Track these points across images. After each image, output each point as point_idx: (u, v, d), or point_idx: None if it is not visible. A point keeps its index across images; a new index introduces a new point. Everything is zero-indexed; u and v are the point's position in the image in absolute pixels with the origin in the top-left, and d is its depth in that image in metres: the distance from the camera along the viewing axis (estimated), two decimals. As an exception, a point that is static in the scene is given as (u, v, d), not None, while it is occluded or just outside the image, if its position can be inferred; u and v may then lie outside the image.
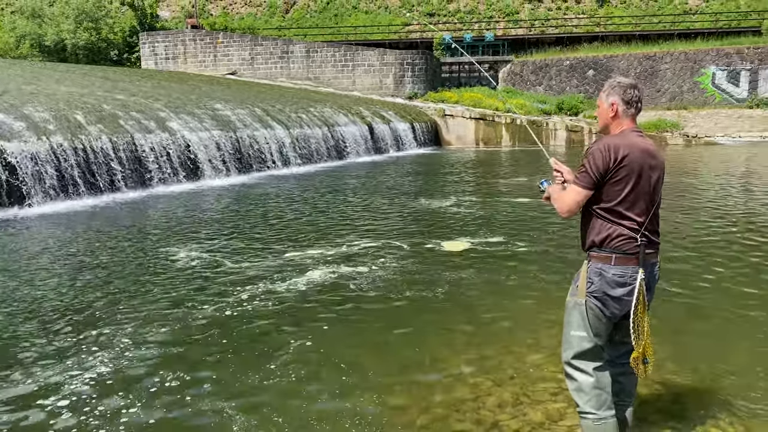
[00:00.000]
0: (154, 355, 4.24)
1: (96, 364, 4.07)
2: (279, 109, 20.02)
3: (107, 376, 3.91)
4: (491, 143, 27.55)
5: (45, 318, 5.03)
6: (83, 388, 3.74)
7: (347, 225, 9.01)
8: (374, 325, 4.86)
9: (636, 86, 2.87)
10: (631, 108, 2.84)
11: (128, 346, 4.38)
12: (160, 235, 8.42)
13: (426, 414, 3.40)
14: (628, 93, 2.83)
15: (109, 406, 3.52)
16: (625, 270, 2.76)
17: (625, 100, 2.84)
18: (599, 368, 2.88)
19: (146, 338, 4.54)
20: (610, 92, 2.88)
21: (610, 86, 2.90)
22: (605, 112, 2.89)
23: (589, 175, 2.77)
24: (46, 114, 12.43)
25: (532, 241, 7.65)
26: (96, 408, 3.51)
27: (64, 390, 3.72)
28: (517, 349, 4.27)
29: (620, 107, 2.84)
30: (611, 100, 2.87)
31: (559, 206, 2.90)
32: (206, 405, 3.54)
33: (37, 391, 3.71)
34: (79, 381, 3.83)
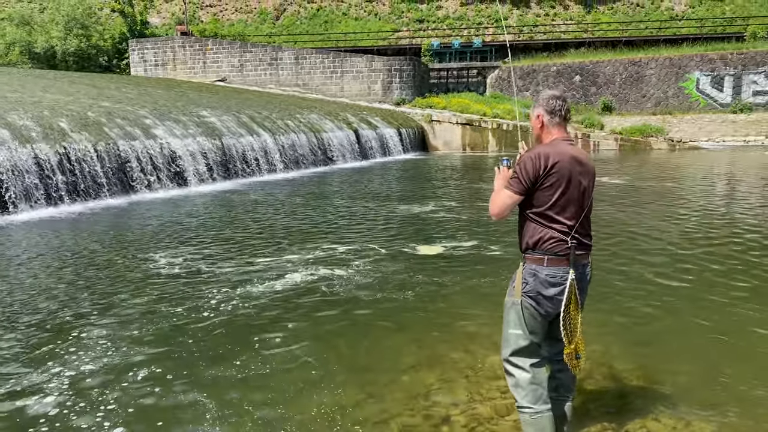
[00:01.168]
0: (135, 354, 4.38)
1: (78, 364, 4.20)
2: (265, 116, 20.16)
3: (88, 375, 4.04)
4: (478, 148, 27.78)
5: (28, 321, 5.14)
6: (65, 388, 3.87)
7: (328, 230, 9.16)
8: (342, 325, 5.02)
9: (560, 96, 3.03)
10: (555, 117, 3.00)
11: (110, 348, 4.51)
12: (143, 241, 8.53)
13: (381, 410, 3.54)
14: (550, 103, 3.00)
15: (91, 404, 3.65)
16: (557, 271, 2.92)
17: (549, 111, 3.00)
18: (535, 365, 3.03)
19: (127, 339, 4.68)
20: (535, 105, 3.05)
21: (535, 100, 3.08)
22: (534, 124, 3.06)
23: (520, 182, 2.94)
24: (30, 122, 12.53)
25: (504, 246, 7.81)
26: (79, 405, 3.64)
27: (46, 389, 3.85)
28: (475, 349, 4.43)
29: (545, 118, 3.01)
30: (536, 113, 3.04)
31: (491, 207, 3.06)
32: (185, 398, 3.69)
33: (20, 391, 3.84)
34: (61, 381, 3.96)
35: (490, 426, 3.37)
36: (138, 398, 3.75)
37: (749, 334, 4.69)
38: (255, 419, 3.47)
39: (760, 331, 4.74)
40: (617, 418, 3.39)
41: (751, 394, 3.68)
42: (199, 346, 4.58)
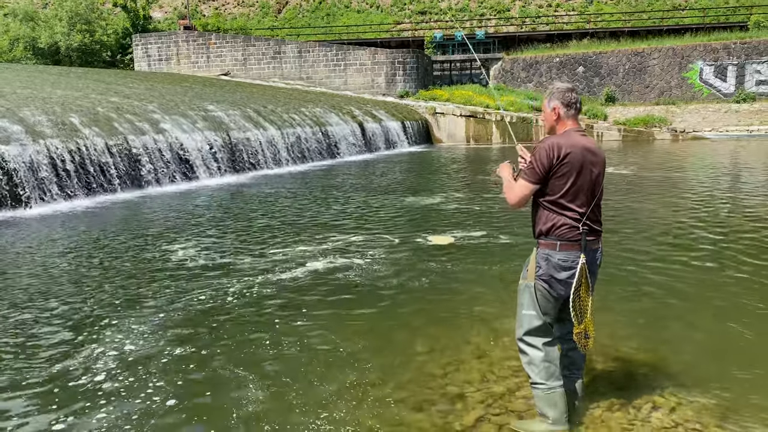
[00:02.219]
0: (169, 337, 4.61)
1: (119, 346, 4.43)
2: (271, 110, 20.33)
3: (130, 354, 4.27)
4: (482, 140, 27.91)
5: (63, 310, 5.36)
6: (113, 366, 4.10)
7: (340, 221, 9.35)
8: (362, 311, 5.23)
9: (573, 89, 3.20)
10: (571, 110, 3.17)
11: (144, 331, 4.73)
12: (156, 234, 8.74)
13: (399, 388, 3.74)
14: (566, 96, 3.17)
15: (140, 379, 3.88)
16: (568, 255, 3.10)
17: (565, 104, 3.17)
18: (548, 344, 3.22)
19: (159, 324, 4.90)
20: (551, 98, 3.21)
21: (550, 92, 3.24)
22: (549, 116, 3.22)
23: (535, 171, 3.11)
24: (42, 117, 12.73)
25: (513, 235, 8.01)
26: (129, 380, 3.88)
27: (95, 368, 4.08)
28: (486, 332, 4.62)
29: (561, 110, 3.18)
30: (553, 105, 3.20)
31: (508, 198, 3.24)
32: (223, 372, 3.92)
33: (73, 370, 4.07)
34: (107, 360, 4.18)
35: (504, 402, 3.56)
36: (181, 373, 4.01)
37: (754, 317, 4.87)
38: (289, 393, 3.67)
39: (764, 314, 4.92)
40: (624, 394, 3.57)
41: (754, 374, 3.86)
42: (227, 328, 4.82)
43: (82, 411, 3.56)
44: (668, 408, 3.43)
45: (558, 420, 3.17)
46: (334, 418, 3.42)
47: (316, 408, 3.53)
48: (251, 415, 3.47)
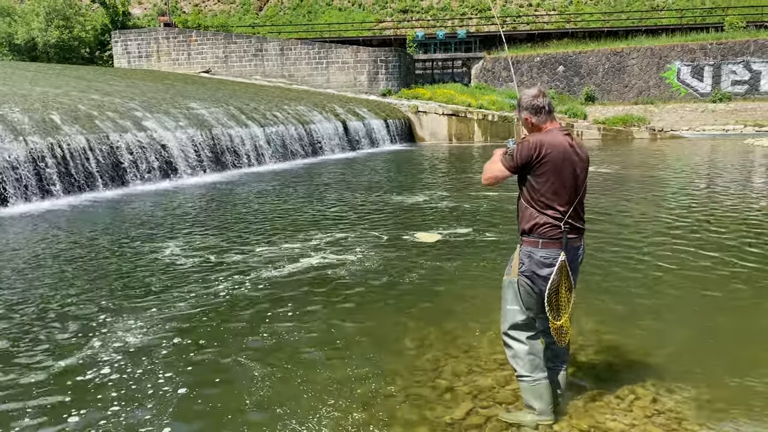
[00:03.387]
0: (166, 330, 4.67)
1: (118, 340, 4.46)
2: (254, 108, 20.28)
3: (132, 347, 4.32)
4: (464, 139, 28.09)
5: (56, 308, 5.35)
6: (118, 358, 4.14)
7: (326, 219, 9.41)
8: (350, 307, 5.32)
9: (539, 94, 3.24)
10: (541, 114, 3.25)
11: (141, 327, 4.76)
12: (142, 232, 8.72)
13: (388, 383, 3.82)
14: (534, 104, 3.23)
15: (144, 370, 3.91)
16: (550, 252, 3.20)
17: (534, 111, 3.25)
18: (532, 337, 3.33)
19: (153, 320, 4.94)
20: (520, 109, 3.30)
21: (518, 103, 3.33)
22: (525, 125, 3.33)
23: (513, 159, 3.20)
24: (21, 115, 12.58)
25: (497, 232, 8.14)
26: (135, 371, 3.92)
27: (100, 361, 4.12)
28: (473, 327, 4.72)
29: (533, 119, 3.26)
30: (524, 116, 3.29)
31: (484, 173, 3.36)
32: (223, 361, 3.99)
33: (79, 365, 4.15)
34: (110, 353, 4.21)
35: (491, 394, 3.66)
36: (185, 364, 4.17)
37: (734, 311, 5.04)
38: (277, 387, 3.73)
39: (743, 307, 5.09)
40: (607, 386, 3.70)
41: (733, 366, 4.01)
42: (219, 323, 4.92)
43: (96, 402, 3.64)
44: (649, 399, 3.56)
45: (544, 411, 3.28)
46: (323, 411, 3.49)
47: (304, 402, 3.60)
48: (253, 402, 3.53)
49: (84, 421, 3.44)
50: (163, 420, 3.45)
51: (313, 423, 3.37)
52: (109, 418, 3.48)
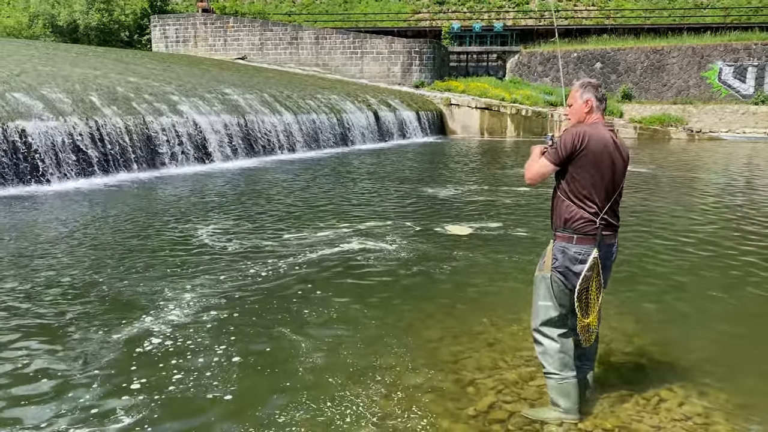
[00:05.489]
0: (209, 308, 4.84)
1: (165, 316, 4.60)
2: (287, 95, 20.39)
3: (179, 323, 4.46)
4: (496, 133, 27.85)
5: (92, 286, 5.49)
6: (168, 332, 4.28)
7: (356, 208, 9.45)
8: (378, 295, 5.36)
9: (601, 85, 3.31)
10: (602, 104, 3.25)
11: (182, 304, 4.89)
12: (176, 214, 8.87)
13: (411, 373, 3.83)
14: (599, 91, 3.25)
15: (196, 343, 4.04)
16: (583, 248, 3.16)
17: (598, 98, 3.24)
18: (563, 335, 3.29)
19: (194, 298, 5.07)
20: (584, 91, 3.26)
21: (582, 85, 3.28)
22: (580, 108, 3.26)
23: (557, 152, 3.16)
24: (62, 95, 12.86)
25: (529, 228, 8.08)
26: (186, 343, 4.06)
27: (153, 334, 4.27)
28: (499, 322, 4.69)
29: (594, 103, 3.23)
30: (586, 97, 3.25)
31: (526, 172, 3.32)
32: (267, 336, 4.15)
33: (134, 336, 4.33)
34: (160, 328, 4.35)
35: (515, 389, 3.64)
36: (233, 336, 4.36)
37: (766, 317, 4.91)
38: (302, 371, 3.78)
39: (773, 315, 4.97)
40: (634, 387, 3.64)
41: (764, 372, 3.91)
42: (256, 303, 5.07)
43: (158, 371, 3.78)
44: (677, 402, 3.50)
45: (570, 409, 3.25)
46: (346, 396, 3.51)
47: (329, 387, 3.64)
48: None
49: (151, 388, 3.59)
50: (227, 387, 3.61)
51: (336, 407, 3.40)
52: (176, 384, 3.64)
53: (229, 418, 3.32)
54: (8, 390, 3.55)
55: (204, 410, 3.39)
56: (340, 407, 3.41)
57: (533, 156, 3.31)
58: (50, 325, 4.52)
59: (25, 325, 4.49)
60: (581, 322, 3.21)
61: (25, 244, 6.96)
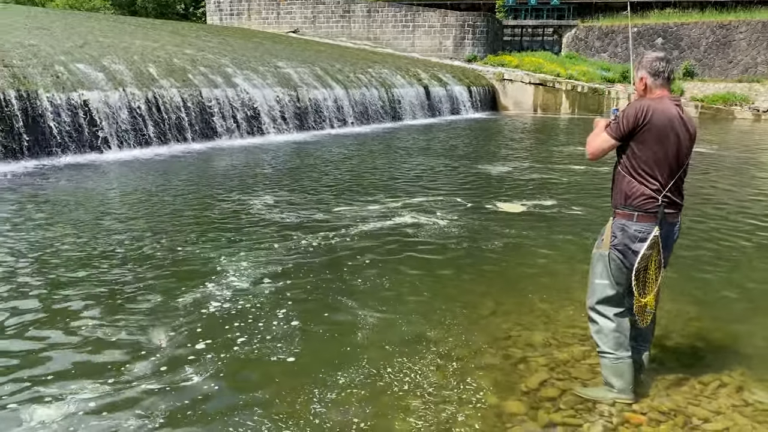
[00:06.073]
0: (266, 275, 4.97)
1: (227, 283, 4.77)
2: (338, 69, 20.38)
3: (240, 289, 4.60)
4: (550, 110, 27.21)
5: (154, 252, 5.70)
6: (229, 296, 4.44)
7: (407, 183, 9.45)
8: (430, 269, 5.38)
9: (663, 58, 3.09)
10: (658, 78, 3.09)
11: (241, 272, 5.05)
12: (230, 184, 9.06)
13: (461, 346, 3.84)
14: (654, 65, 3.08)
15: (258, 307, 4.25)
16: (644, 226, 3.07)
17: (652, 73, 3.09)
18: (620, 314, 3.22)
19: (251, 266, 5.23)
20: (638, 67, 3.14)
21: (638, 62, 3.17)
22: (638, 86, 3.16)
23: (619, 127, 3.07)
24: (122, 66, 13.20)
25: (585, 206, 7.93)
26: (251, 305, 4.25)
27: (217, 298, 4.46)
28: (552, 300, 4.64)
29: (648, 80, 3.10)
30: (640, 75, 3.13)
31: (588, 147, 3.23)
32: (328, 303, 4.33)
33: (199, 299, 4.51)
34: (222, 293, 4.51)
35: (567, 368, 3.60)
36: (292, 302, 4.52)
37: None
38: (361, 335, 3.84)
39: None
40: (691, 371, 3.55)
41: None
42: (314, 271, 5.20)
43: (223, 333, 3.96)
44: (735, 387, 3.40)
45: (623, 390, 3.19)
46: (401, 365, 3.56)
47: (383, 356, 3.69)
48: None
49: (218, 349, 3.75)
50: (289, 350, 3.75)
51: (394, 374, 3.46)
52: (241, 346, 3.79)
53: (292, 379, 3.43)
54: (81, 352, 3.73)
55: (269, 371, 3.51)
56: (397, 374, 3.48)
57: (596, 130, 3.22)
58: (116, 291, 4.70)
59: (91, 293, 4.68)
60: (638, 301, 3.14)
61: (87, 212, 7.24)
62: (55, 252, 5.60)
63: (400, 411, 3.12)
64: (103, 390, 3.26)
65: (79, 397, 3.19)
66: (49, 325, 4.06)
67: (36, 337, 3.89)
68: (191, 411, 3.10)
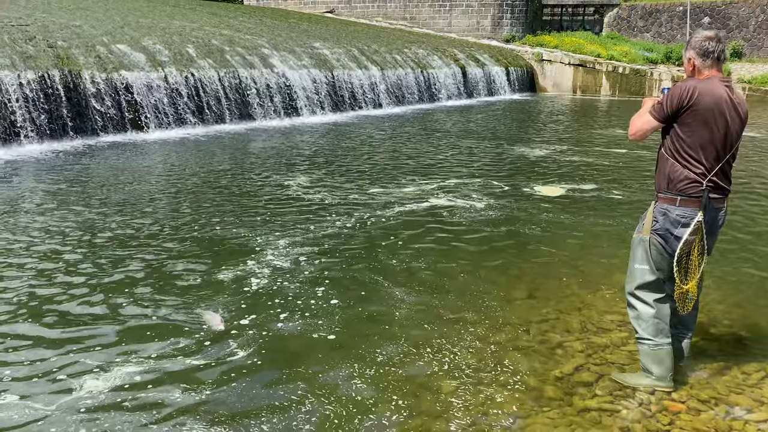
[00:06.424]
0: (303, 252, 5.08)
1: (264, 261, 4.86)
2: (374, 50, 20.27)
3: (279, 267, 4.68)
4: (589, 91, 26.62)
5: (183, 233, 5.82)
6: (268, 273, 4.54)
7: (443, 164, 9.41)
8: (466, 251, 5.37)
9: (713, 37, 2.98)
10: (707, 59, 2.97)
11: (277, 250, 5.15)
12: (266, 165, 9.16)
13: (497, 330, 3.82)
14: (703, 45, 2.97)
15: (296, 281, 4.39)
16: (687, 211, 2.98)
17: (701, 53, 2.98)
18: (660, 300, 3.15)
19: (286, 243, 5.36)
20: (687, 47, 3.03)
21: (687, 42, 3.06)
22: (686, 67, 3.06)
23: (662, 108, 2.98)
24: (162, 46, 13.37)
25: (626, 190, 7.79)
26: (289, 281, 4.43)
27: (258, 274, 4.64)
28: (590, 285, 4.57)
29: (697, 61, 2.99)
30: (688, 56, 3.03)
31: (630, 128, 3.14)
32: (365, 277, 4.42)
33: (240, 274, 4.61)
34: (261, 269, 4.62)
35: (605, 354, 3.56)
36: (331, 281, 4.59)
37: None
38: (396, 318, 3.86)
39: None
40: (734, 359, 3.47)
41: None
42: (350, 251, 5.27)
43: (266, 309, 4.07)
44: (781, 378, 3.31)
45: (662, 377, 3.14)
46: (441, 345, 3.57)
47: (422, 335, 3.72)
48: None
49: (260, 325, 3.84)
50: (329, 326, 3.83)
51: (433, 353, 3.49)
52: (283, 322, 3.88)
53: (333, 355, 3.49)
54: (127, 327, 3.83)
55: (310, 347, 3.58)
56: (435, 354, 3.50)
57: (641, 110, 3.13)
58: (158, 268, 4.81)
59: (135, 269, 4.80)
60: (679, 288, 3.07)
61: (129, 191, 7.40)
62: (99, 229, 5.75)
63: (438, 391, 3.13)
64: (148, 363, 3.35)
65: (126, 370, 3.28)
66: (95, 300, 4.18)
67: (83, 312, 4.01)
68: (236, 384, 3.17)
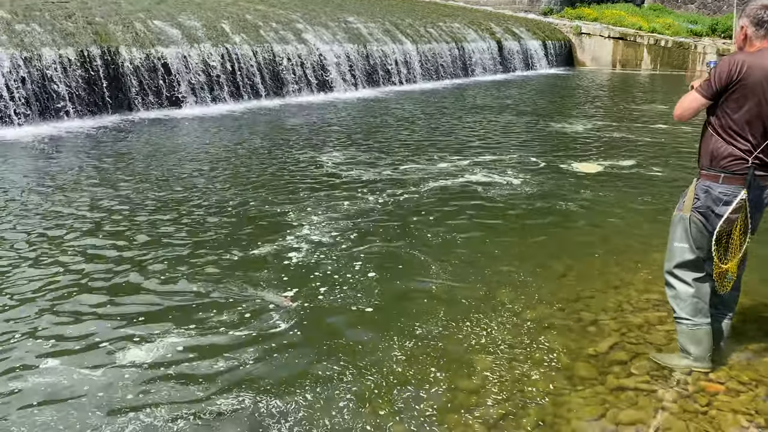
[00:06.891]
0: (338, 227, 5.17)
1: (301, 236, 4.94)
2: (408, 24, 20.02)
3: (317, 242, 4.77)
4: (629, 66, 25.89)
5: (219, 208, 5.91)
6: (305, 248, 4.62)
7: (479, 140, 9.32)
8: (501, 228, 5.36)
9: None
10: (761, 29, 2.82)
11: (314, 225, 5.23)
12: (300, 141, 9.19)
13: (530, 308, 3.79)
14: (758, 13, 2.81)
15: (333, 256, 4.58)
16: (730, 189, 2.88)
17: (755, 22, 2.83)
18: (699, 279, 3.07)
19: (322, 218, 5.46)
20: (742, 15, 2.89)
21: (742, 9, 2.92)
22: (737, 37, 2.92)
23: (710, 85, 2.85)
24: (197, 22, 13.45)
25: (667, 167, 7.61)
26: (326, 255, 4.59)
27: (296, 248, 4.72)
28: (627, 264, 4.49)
29: (750, 29, 2.85)
30: (741, 24, 2.88)
31: (677, 107, 3.02)
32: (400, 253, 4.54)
33: (280, 249, 4.76)
34: (299, 243, 4.69)
35: (641, 333, 3.50)
36: (368, 255, 4.65)
37: None
38: (430, 294, 3.88)
39: None
40: (775, 341, 3.38)
41: None
42: (385, 227, 5.31)
43: (306, 281, 4.16)
44: (826, 361, 3.22)
45: (700, 357, 3.08)
46: (477, 320, 3.59)
47: (459, 308, 3.75)
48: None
49: (302, 298, 3.91)
50: (368, 300, 3.89)
51: (470, 327, 3.53)
52: (324, 295, 3.95)
53: (372, 327, 3.55)
54: (169, 300, 3.92)
55: (350, 320, 3.64)
56: (472, 330, 3.52)
57: (693, 87, 3.01)
58: (198, 243, 4.90)
59: (175, 243, 4.89)
60: (718, 267, 2.98)
61: (166, 166, 7.53)
62: (141, 205, 5.87)
63: (474, 366, 3.14)
64: (189, 335, 3.43)
65: (168, 341, 3.37)
66: (138, 273, 4.28)
67: (126, 284, 4.12)
68: (278, 355, 3.24)
